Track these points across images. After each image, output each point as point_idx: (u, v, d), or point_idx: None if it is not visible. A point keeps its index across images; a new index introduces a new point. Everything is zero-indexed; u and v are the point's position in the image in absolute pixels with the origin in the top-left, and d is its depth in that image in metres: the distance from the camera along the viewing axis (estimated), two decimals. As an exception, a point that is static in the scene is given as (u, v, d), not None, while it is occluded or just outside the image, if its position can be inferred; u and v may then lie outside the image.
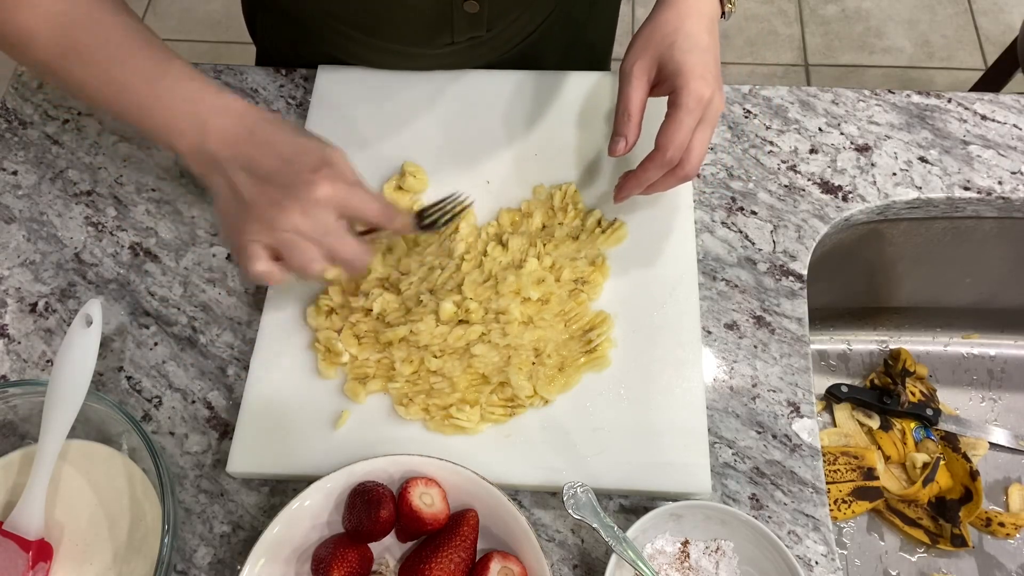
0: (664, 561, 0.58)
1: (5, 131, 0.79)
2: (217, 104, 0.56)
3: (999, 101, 0.79)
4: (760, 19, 2.11)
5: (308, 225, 0.53)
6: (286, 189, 0.53)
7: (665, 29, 0.60)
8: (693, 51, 0.59)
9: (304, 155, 0.54)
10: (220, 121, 0.55)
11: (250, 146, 0.55)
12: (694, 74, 0.58)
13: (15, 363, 0.67)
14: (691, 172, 0.60)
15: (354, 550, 0.55)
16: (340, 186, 0.54)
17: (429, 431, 0.61)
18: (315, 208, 0.53)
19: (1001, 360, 0.91)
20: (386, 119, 0.76)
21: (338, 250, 0.55)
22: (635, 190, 0.64)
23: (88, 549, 0.59)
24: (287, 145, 0.55)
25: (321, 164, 0.54)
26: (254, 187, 0.54)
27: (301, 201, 0.53)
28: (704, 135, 0.59)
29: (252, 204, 0.54)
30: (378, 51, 0.76)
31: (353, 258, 0.55)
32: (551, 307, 0.65)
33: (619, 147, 0.62)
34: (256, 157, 0.54)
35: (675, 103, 0.59)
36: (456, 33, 0.73)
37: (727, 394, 0.65)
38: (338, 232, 0.54)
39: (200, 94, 0.56)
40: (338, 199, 0.54)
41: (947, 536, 0.80)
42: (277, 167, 0.54)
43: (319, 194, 0.53)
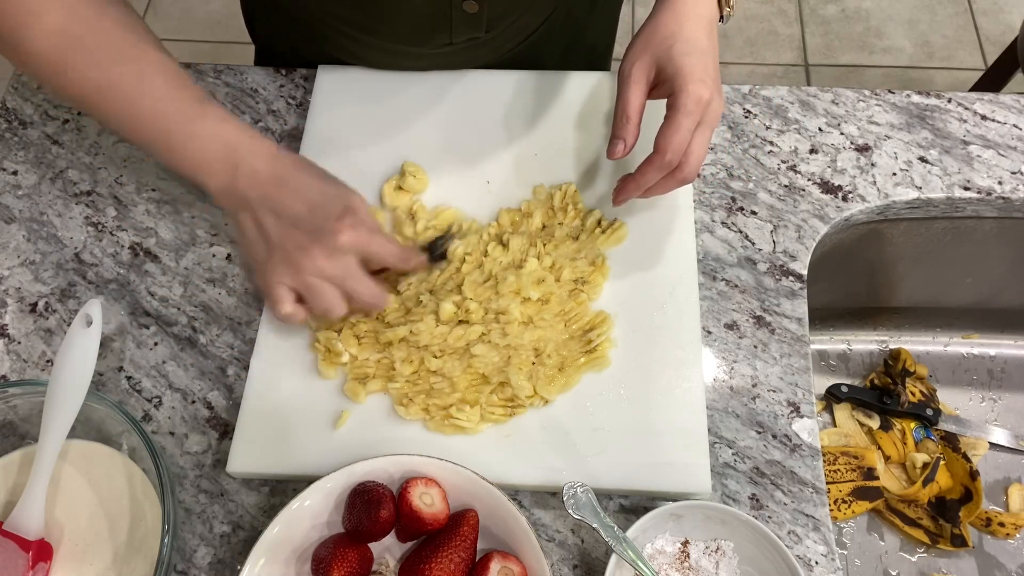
0: (664, 561, 0.58)
1: (5, 131, 0.79)
2: (251, 147, 0.59)
3: (999, 101, 0.79)
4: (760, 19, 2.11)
5: (331, 269, 0.57)
6: (311, 235, 0.57)
7: (664, 32, 0.61)
8: (692, 54, 0.59)
9: (329, 202, 0.58)
10: (252, 163, 0.58)
11: (279, 190, 0.57)
12: (693, 76, 0.58)
13: (15, 363, 0.67)
14: (690, 175, 0.60)
15: (354, 550, 0.55)
16: (362, 233, 0.58)
17: (429, 431, 0.61)
18: (338, 253, 0.57)
19: (1001, 360, 0.91)
20: (386, 119, 0.76)
21: (360, 293, 0.59)
22: (634, 193, 0.64)
23: (88, 549, 0.59)
24: (314, 192, 0.58)
25: (345, 212, 0.57)
26: (281, 230, 0.57)
27: (325, 247, 0.57)
28: (703, 138, 0.59)
29: (279, 246, 0.57)
30: (377, 51, 0.76)
31: (373, 300, 0.60)
32: (551, 307, 0.65)
33: (618, 150, 0.62)
34: (285, 201, 0.57)
35: (674, 106, 0.59)
36: (455, 33, 0.73)
37: (727, 394, 0.65)
38: (359, 276, 0.58)
39: (236, 136, 0.59)
40: (360, 245, 0.58)
41: (947, 536, 0.80)
42: (304, 213, 0.57)
43: (342, 241, 0.56)
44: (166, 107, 0.58)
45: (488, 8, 0.71)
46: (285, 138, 0.78)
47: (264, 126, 0.79)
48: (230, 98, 0.80)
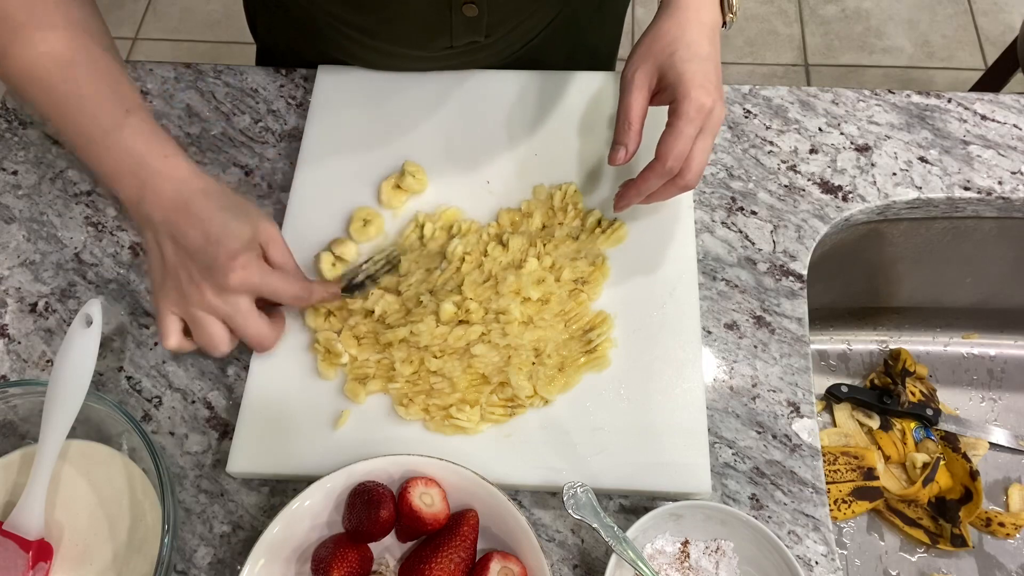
0: (664, 561, 0.58)
1: (5, 131, 0.79)
2: (160, 169, 0.57)
3: (999, 101, 0.79)
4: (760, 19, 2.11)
5: (219, 306, 0.57)
6: (204, 269, 0.56)
7: (666, 38, 0.61)
8: (694, 60, 0.59)
9: (227, 238, 0.56)
10: (159, 185, 0.57)
11: (182, 217, 0.56)
12: (695, 83, 0.58)
13: (15, 363, 0.67)
14: (692, 182, 0.60)
15: (354, 550, 0.55)
16: (253, 273, 0.57)
17: (429, 431, 0.61)
18: (226, 292, 0.56)
19: (1001, 360, 0.91)
20: (386, 119, 0.76)
21: (245, 331, 0.58)
22: (635, 199, 0.64)
23: (88, 549, 0.59)
24: (216, 223, 0.56)
25: (241, 251, 0.56)
26: (177, 258, 0.57)
27: (215, 283, 0.56)
28: (704, 145, 0.59)
29: (172, 274, 0.57)
30: (378, 53, 0.76)
31: (261, 338, 0.59)
32: (551, 307, 0.65)
33: (619, 156, 0.62)
34: (184, 230, 0.56)
35: (676, 112, 0.59)
36: (455, 37, 0.73)
37: (727, 394, 0.65)
38: (246, 313, 0.58)
39: (147, 155, 0.57)
40: (250, 286, 0.57)
41: (947, 536, 0.80)
42: (201, 245, 0.56)
43: (232, 281, 0.56)
44: (92, 110, 0.57)
45: (488, 13, 0.71)
46: (285, 138, 0.78)
47: (264, 126, 0.79)
48: (230, 98, 0.80)
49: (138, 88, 0.61)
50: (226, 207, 0.57)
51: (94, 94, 0.57)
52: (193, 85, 0.81)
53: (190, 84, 0.81)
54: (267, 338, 0.60)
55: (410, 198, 0.72)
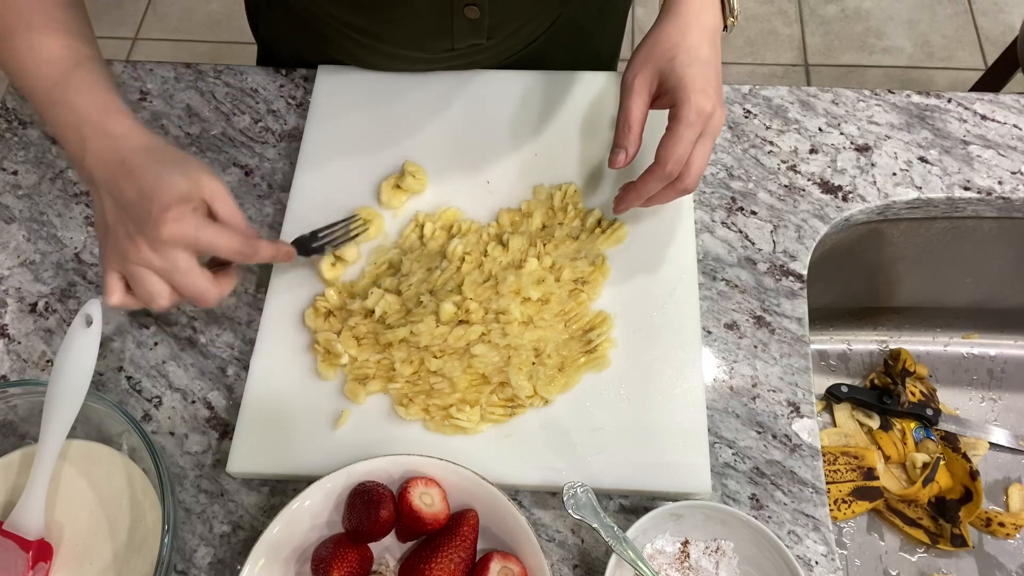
0: (664, 561, 0.58)
1: (5, 131, 0.79)
2: (98, 125, 0.56)
3: (999, 101, 0.79)
4: (760, 19, 2.11)
5: (156, 261, 0.55)
6: (138, 224, 0.55)
7: (666, 43, 0.60)
8: (694, 64, 0.59)
9: (161, 192, 0.54)
10: (99, 142, 0.56)
11: (119, 174, 0.55)
12: (695, 88, 0.58)
13: (15, 363, 0.67)
14: (691, 186, 0.60)
15: (354, 550, 0.55)
16: (186, 226, 0.54)
17: (429, 431, 0.61)
18: (161, 245, 0.54)
19: (1001, 360, 0.91)
20: (386, 119, 0.76)
21: (184, 286, 0.56)
22: (635, 202, 0.64)
23: (88, 549, 0.59)
24: (149, 179, 0.55)
25: (174, 202, 0.54)
26: (115, 215, 0.56)
27: (148, 237, 0.54)
28: (704, 149, 0.59)
29: (111, 231, 0.56)
30: (379, 54, 0.76)
31: (199, 294, 0.57)
32: (551, 307, 0.65)
33: (619, 159, 0.62)
34: (121, 186, 0.55)
35: (676, 117, 0.59)
36: (456, 39, 0.73)
37: (727, 394, 0.65)
38: (185, 269, 0.55)
39: (88, 111, 0.56)
40: (184, 238, 0.55)
41: (947, 536, 0.80)
42: (135, 200, 0.55)
43: (164, 233, 0.54)
44: (39, 63, 0.57)
45: (489, 15, 0.70)
46: (285, 138, 0.78)
47: (264, 126, 0.79)
48: (230, 98, 0.80)
49: (96, 43, 0.60)
50: (163, 161, 0.56)
51: (45, 46, 0.57)
52: (193, 85, 0.81)
53: (190, 84, 0.81)
54: (206, 292, 0.57)
55: (410, 198, 0.72)
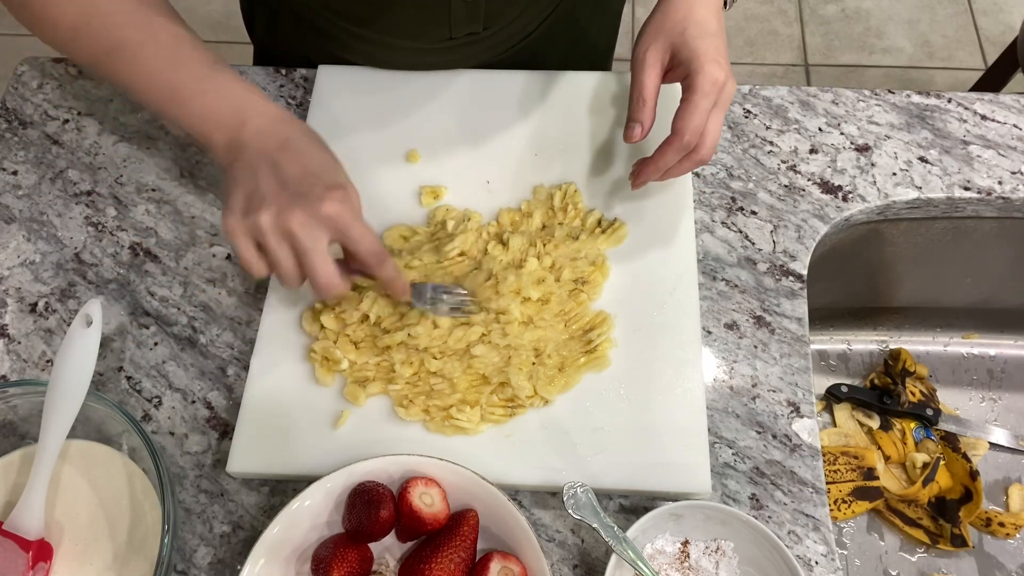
0: (664, 561, 0.58)
1: (5, 131, 0.79)
2: (261, 107, 0.59)
3: (999, 101, 0.79)
4: (760, 19, 2.11)
5: (301, 237, 0.55)
6: (296, 197, 0.55)
7: (675, 16, 0.62)
8: (705, 36, 0.60)
9: (326, 173, 0.57)
10: (260, 121, 0.58)
11: (281, 151, 0.57)
12: (708, 58, 0.59)
13: (15, 363, 0.67)
14: (706, 156, 0.61)
15: (354, 550, 0.55)
16: (347, 210, 0.56)
17: (429, 431, 0.61)
18: (315, 221, 0.55)
19: (1001, 360, 0.91)
20: (386, 119, 0.76)
21: (315, 269, 0.56)
22: (653, 175, 0.64)
23: (88, 549, 0.59)
24: (315, 160, 0.57)
25: (338, 186, 0.56)
26: (271, 186, 0.56)
27: (305, 211, 0.55)
28: (718, 118, 0.60)
29: (264, 200, 0.55)
30: (375, 45, 0.76)
31: (326, 283, 0.56)
32: (551, 307, 0.65)
33: (635, 133, 0.63)
34: (282, 161, 0.56)
35: (691, 87, 0.60)
36: (454, 28, 0.73)
37: (727, 394, 0.65)
38: (322, 253, 0.56)
39: (247, 95, 0.59)
40: (341, 221, 0.55)
41: (947, 536, 0.80)
42: (299, 176, 0.56)
43: (326, 210, 0.55)
44: (178, 66, 0.60)
45: (487, 1, 0.71)
46: (285, 138, 0.78)
47: (264, 126, 0.79)
48: (230, 98, 0.80)
49: None
50: (323, 149, 0.59)
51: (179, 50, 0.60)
52: (193, 85, 0.81)
53: (190, 84, 0.81)
54: (333, 281, 0.57)
55: (436, 203, 0.72)
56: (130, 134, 0.79)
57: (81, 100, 0.81)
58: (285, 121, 0.59)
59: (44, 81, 0.82)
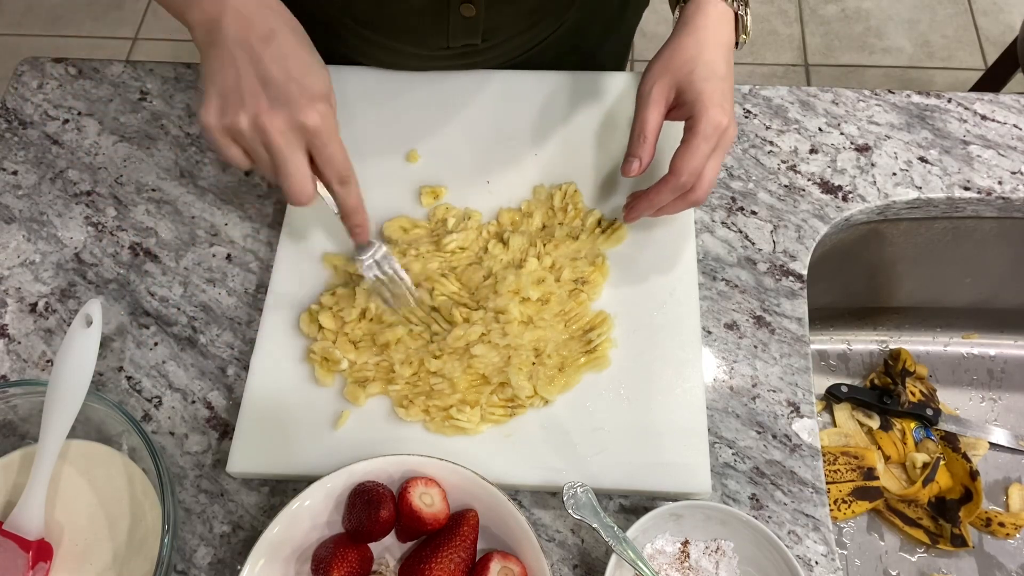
0: (664, 561, 0.58)
1: (5, 131, 0.79)
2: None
3: (999, 101, 0.79)
4: (760, 19, 2.11)
5: (280, 140, 0.53)
6: (277, 101, 0.53)
7: (684, 56, 0.61)
8: (712, 79, 0.60)
9: (311, 78, 0.54)
10: (245, 5, 0.54)
11: (264, 44, 0.54)
12: (713, 102, 0.59)
13: (15, 363, 0.67)
14: (701, 198, 0.61)
15: (354, 550, 0.55)
16: (328, 124, 0.55)
17: (429, 432, 0.61)
18: (294, 131, 0.54)
19: (1001, 360, 0.91)
20: (386, 119, 0.76)
21: (289, 176, 0.54)
22: (646, 212, 0.64)
23: (88, 549, 0.59)
24: (299, 63, 0.54)
25: (321, 97, 0.55)
26: (253, 85, 0.53)
27: (286, 119, 0.53)
28: (716, 162, 0.60)
29: (243, 101, 0.53)
30: (381, 49, 0.76)
31: (302, 185, 0.55)
32: (551, 307, 0.65)
33: (633, 168, 0.62)
34: (266, 59, 0.53)
35: (692, 129, 0.59)
36: (451, 37, 0.73)
37: (727, 394, 0.65)
38: (297, 162, 0.55)
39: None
40: (320, 136, 0.54)
41: (947, 536, 0.80)
42: (282, 79, 0.53)
43: (307, 120, 0.53)
44: None
45: (486, 17, 0.70)
46: (285, 138, 0.78)
47: (264, 126, 0.79)
48: (230, 98, 0.80)
49: None
50: (311, 53, 0.56)
51: None
52: (193, 85, 0.81)
53: (190, 84, 0.81)
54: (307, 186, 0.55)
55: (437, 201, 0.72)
56: (130, 134, 0.79)
57: (81, 100, 0.81)
58: (270, 7, 0.55)
59: (44, 81, 0.82)
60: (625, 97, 0.76)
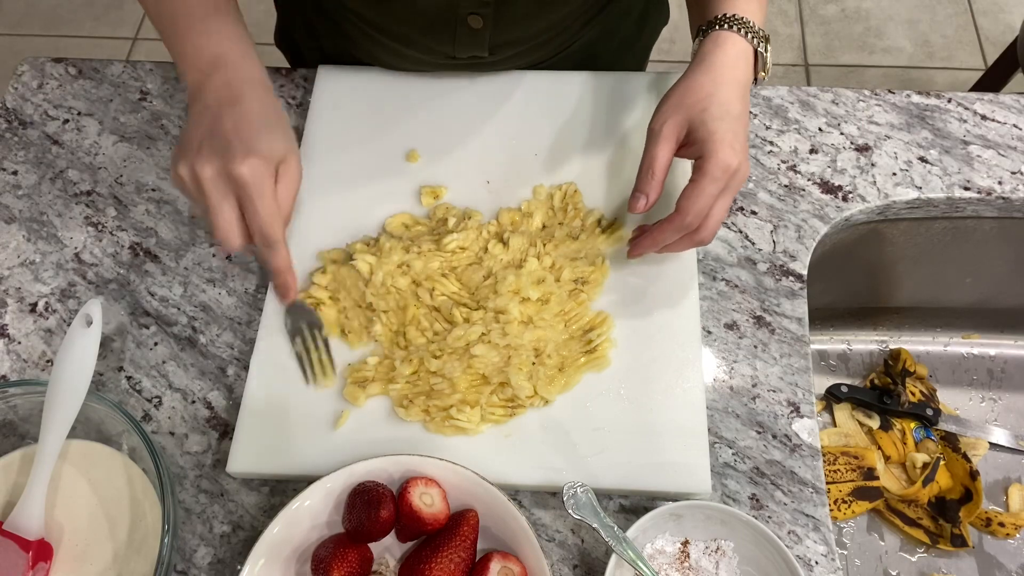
0: (664, 561, 0.58)
1: (5, 131, 0.79)
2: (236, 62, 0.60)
3: (999, 101, 0.79)
4: (760, 19, 2.10)
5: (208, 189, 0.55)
6: (219, 150, 0.55)
7: (699, 93, 0.60)
8: (725, 119, 0.59)
9: (255, 138, 0.56)
10: (226, 74, 0.59)
11: (229, 104, 0.57)
12: (724, 142, 0.58)
13: (15, 363, 0.67)
14: (707, 238, 0.61)
15: (354, 550, 0.55)
16: (258, 180, 0.55)
17: (429, 432, 0.61)
18: (223, 179, 0.55)
19: (1001, 360, 0.91)
20: (386, 119, 0.76)
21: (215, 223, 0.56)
22: (650, 249, 0.64)
23: (88, 549, 0.59)
24: (252, 123, 0.57)
25: (261, 154, 0.56)
26: (202, 136, 0.56)
27: (217, 167, 0.55)
28: (724, 204, 0.60)
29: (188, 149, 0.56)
30: (390, 53, 0.76)
31: (222, 237, 0.56)
32: (551, 307, 0.65)
33: (639, 205, 0.62)
34: (224, 116, 0.57)
35: (702, 169, 0.58)
36: (458, 47, 0.72)
37: (727, 394, 0.65)
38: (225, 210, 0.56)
39: (230, 47, 0.60)
40: (247, 188, 0.55)
41: (947, 536, 0.80)
42: (229, 129, 0.56)
43: (236, 171, 0.55)
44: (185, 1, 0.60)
45: (493, 31, 0.70)
46: (285, 138, 0.78)
47: (264, 126, 0.79)
48: (230, 98, 0.80)
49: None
50: (271, 117, 0.59)
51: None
52: (193, 85, 0.81)
53: (190, 84, 0.81)
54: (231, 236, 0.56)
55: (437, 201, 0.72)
56: (130, 134, 0.79)
57: (81, 100, 0.81)
58: (249, 82, 0.59)
59: (44, 81, 0.82)
60: (626, 97, 0.76)
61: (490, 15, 0.68)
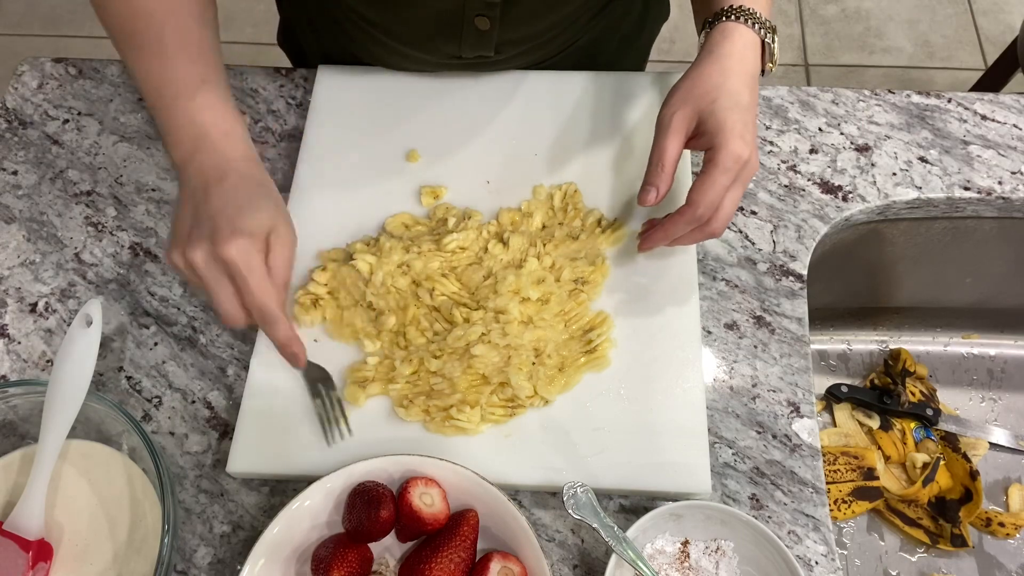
0: (664, 561, 0.58)
1: (5, 131, 0.79)
2: (216, 144, 0.60)
3: (999, 101, 0.79)
4: (760, 19, 2.10)
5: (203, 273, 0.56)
6: (206, 232, 0.56)
7: (708, 84, 0.60)
8: (735, 109, 0.59)
9: (241, 216, 0.57)
10: (209, 156, 0.59)
11: (214, 186, 0.58)
12: (734, 133, 0.58)
13: (15, 363, 0.67)
14: (718, 230, 0.60)
15: (354, 550, 0.55)
16: (246, 259, 0.56)
17: (429, 432, 0.61)
18: (214, 262, 0.56)
19: (1001, 360, 0.91)
20: (386, 119, 0.76)
21: (216, 304, 0.57)
22: (661, 243, 0.64)
23: (88, 549, 0.59)
24: (239, 199, 0.58)
25: (247, 232, 0.56)
26: (191, 220, 0.58)
27: (206, 250, 0.56)
28: (735, 195, 0.59)
29: (178, 236, 0.58)
30: (394, 53, 0.76)
31: (227, 314, 0.57)
32: (551, 307, 0.65)
33: (649, 197, 0.61)
34: (211, 195, 0.58)
35: (712, 161, 0.58)
36: (464, 48, 0.72)
37: (727, 394, 0.65)
38: (226, 287, 0.57)
39: (210, 129, 0.60)
40: (236, 268, 0.56)
41: (947, 536, 0.80)
42: (217, 210, 0.57)
43: (225, 253, 0.55)
44: (170, 74, 0.60)
45: (500, 31, 0.70)
46: (285, 138, 0.78)
47: (264, 126, 0.79)
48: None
49: (221, 59, 0.64)
50: (257, 192, 0.59)
51: (175, 57, 0.61)
52: (193, 85, 0.81)
53: (190, 84, 0.81)
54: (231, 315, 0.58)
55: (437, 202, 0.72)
56: (130, 134, 0.79)
57: (81, 100, 0.81)
58: (231, 160, 0.59)
59: (44, 81, 0.82)
60: (626, 97, 0.76)
61: (497, 16, 0.68)
